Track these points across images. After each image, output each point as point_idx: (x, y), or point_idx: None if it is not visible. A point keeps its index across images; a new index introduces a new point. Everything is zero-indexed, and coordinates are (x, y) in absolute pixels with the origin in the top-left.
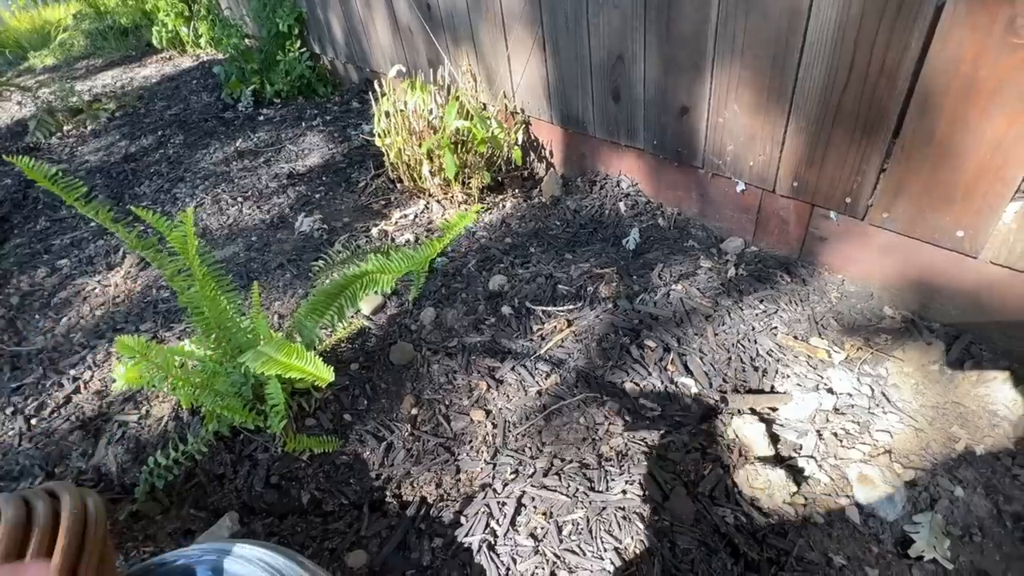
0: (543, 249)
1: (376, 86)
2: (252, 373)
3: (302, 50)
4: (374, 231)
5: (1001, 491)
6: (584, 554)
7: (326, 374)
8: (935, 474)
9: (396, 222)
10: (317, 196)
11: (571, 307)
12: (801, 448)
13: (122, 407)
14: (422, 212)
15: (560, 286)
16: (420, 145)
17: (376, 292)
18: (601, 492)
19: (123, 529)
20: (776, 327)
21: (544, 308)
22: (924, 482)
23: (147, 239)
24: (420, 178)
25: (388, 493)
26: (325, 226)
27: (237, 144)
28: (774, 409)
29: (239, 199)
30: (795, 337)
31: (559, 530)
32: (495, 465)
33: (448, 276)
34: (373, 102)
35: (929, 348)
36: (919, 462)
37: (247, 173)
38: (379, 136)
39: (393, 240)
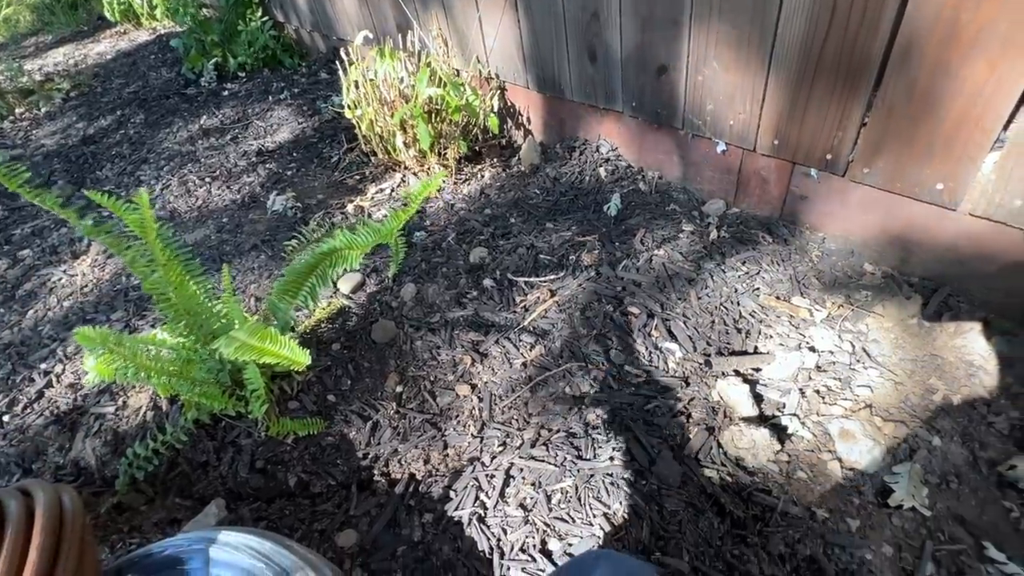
0: (523, 219)
1: (343, 55)
2: (228, 359)
3: (264, 19)
4: (350, 207)
5: (977, 438)
6: (574, 521)
7: (302, 357)
8: (914, 425)
9: (372, 197)
10: (289, 173)
11: (553, 277)
12: (784, 407)
13: (97, 399)
14: (399, 186)
15: (542, 256)
16: (392, 116)
17: (346, 269)
18: (588, 460)
19: (107, 522)
20: (758, 288)
21: (526, 279)
22: (903, 434)
23: (104, 224)
24: (394, 150)
25: (376, 472)
26: (298, 204)
27: (202, 122)
28: (757, 369)
29: (207, 179)
30: (777, 297)
31: (548, 499)
32: (482, 439)
33: (428, 250)
34: (341, 72)
35: (908, 303)
36: (899, 415)
37: (214, 152)
38: (349, 108)
39: (370, 216)
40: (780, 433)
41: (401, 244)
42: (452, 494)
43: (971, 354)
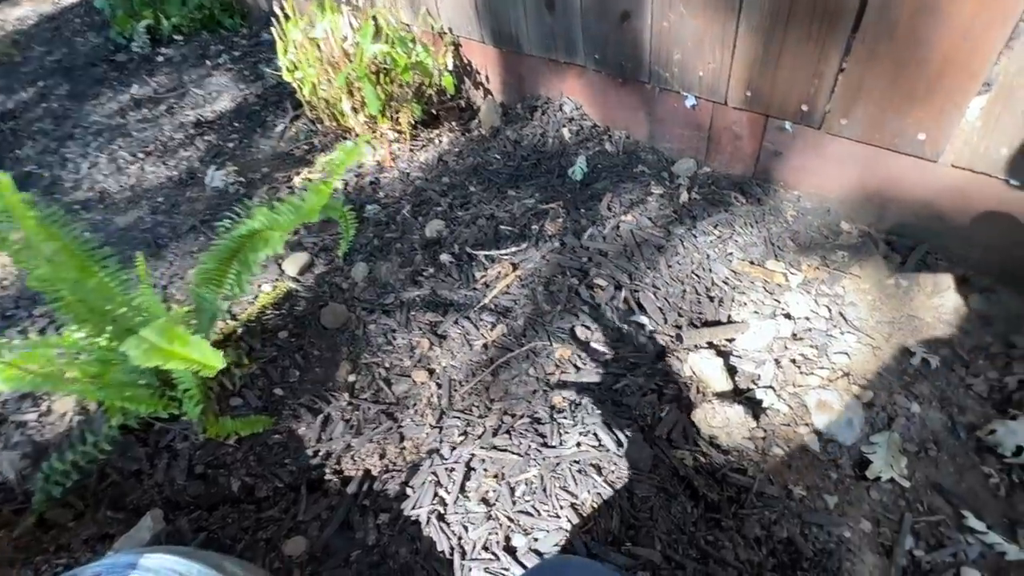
0: (484, 187)
1: (278, 9)
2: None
3: None
4: (297, 180)
5: (955, 402)
6: (539, 514)
7: (213, 361)
8: (892, 392)
9: (321, 168)
10: (230, 145)
11: (515, 249)
12: (759, 379)
13: (17, 406)
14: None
15: (503, 227)
16: (336, 78)
17: (269, 256)
18: (554, 447)
19: (30, 542)
20: (731, 253)
21: (486, 253)
22: (881, 402)
23: None
24: (342, 116)
25: (328, 470)
26: (241, 179)
27: (133, 91)
28: (731, 340)
29: (140, 155)
30: (751, 262)
31: (512, 492)
32: (441, 428)
33: (381, 225)
34: (276, 30)
35: (885, 262)
36: (877, 381)
37: (147, 124)
38: (287, 70)
39: None
40: (755, 408)
41: (351, 219)
42: (409, 491)
43: (949, 313)
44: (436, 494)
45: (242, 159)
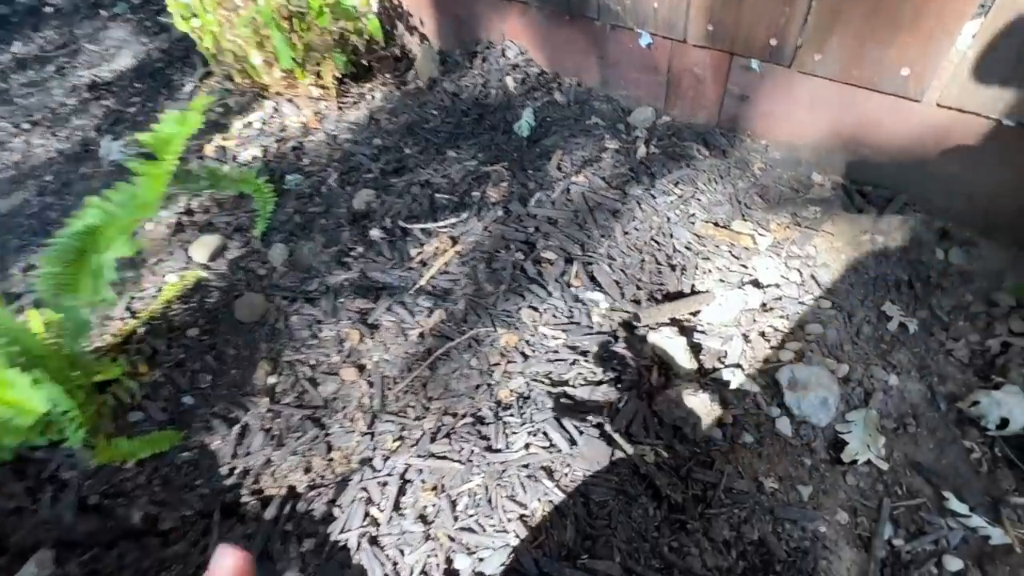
0: (420, 148)
1: None
2: None
3: None
4: (210, 149)
5: (935, 371)
6: (484, 530)
7: (33, 405)
8: (868, 364)
9: (238, 134)
10: (131, 111)
11: (454, 220)
12: (726, 356)
13: None
14: (271, 117)
15: (440, 195)
16: (237, 23)
17: (119, 256)
18: (500, 451)
19: None
20: (694, 214)
21: (422, 226)
22: (858, 376)
23: None
24: (255, 72)
25: (245, 491)
26: (144, 150)
27: (15, 49)
28: (695, 314)
29: (25, 126)
30: (716, 224)
31: (453, 505)
32: (373, 435)
33: (303, 198)
34: None
35: (861, 217)
36: (852, 352)
37: (33, 89)
38: (180, 17)
39: (235, 159)
40: (722, 391)
41: (269, 193)
42: (337, 510)
43: (928, 271)
44: (367, 513)
45: (145, 126)
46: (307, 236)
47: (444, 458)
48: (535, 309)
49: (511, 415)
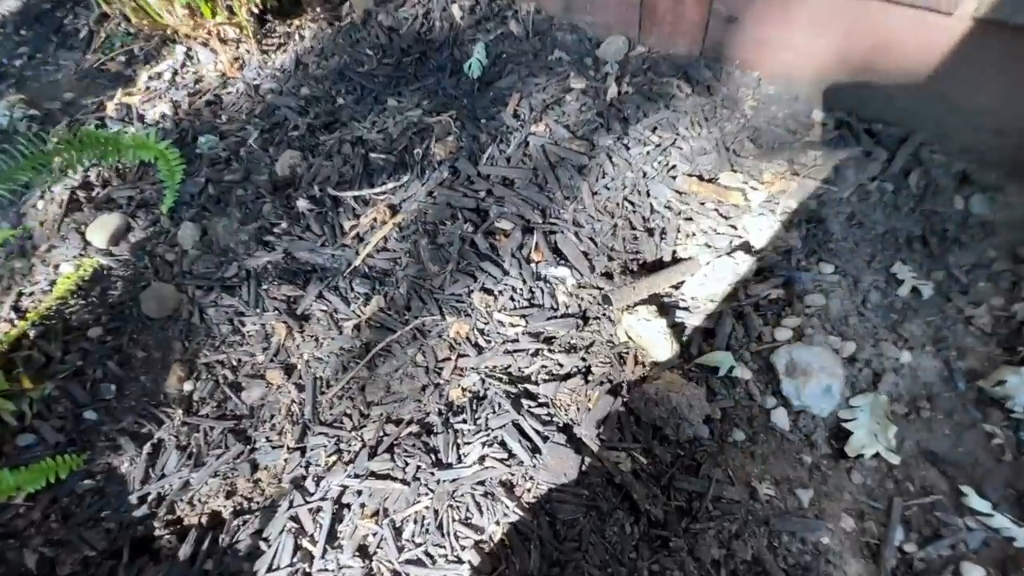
0: (355, 97)
1: None
2: None
3: None
4: (111, 108)
5: (953, 343)
6: (434, 561)
7: None
8: (877, 339)
9: (145, 88)
10: (17, 64)
11: (394, 185)
12: (714, 339)
13: None
14: (183, 66)
15: (376, 154)
16: None
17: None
18: (451, 466)
19: None
20: (674, 167)
21: (356, 193)
22: (865, 355)
23: None
24: (156, 14)
25: (158, 522)
26: (33, 112)
27: None
28: (678, 286)
29: None
30: (700, 178)
31: (397, 534)
32: (304, 451)
33: (219, 164)
34: None
35: (868, 161)
36: (858, 326)
37: None
38: None
39: (142, 118)
40: (709, 379)
41: (175, 160)
42: (264, 544)
43: (945, 223)
44: (299, 546)
45: (34, 83)
46: (222, 211)
47: (386, 477)
48: (489, 292)
49: (463, 421)
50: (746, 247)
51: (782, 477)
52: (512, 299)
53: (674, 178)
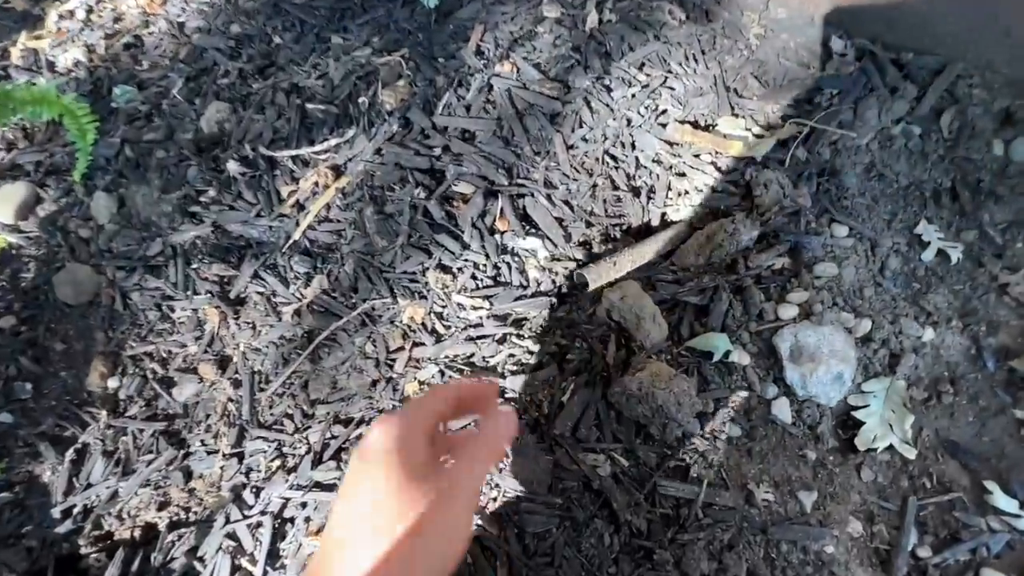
0: (294, 34)
1: None
2: None
3: None
4: (16, 54)
5: (984, 316)
6: None
7: None
8: (896, 314)
9: (56, 29)
10: None
11: (337, 141)
12: (708, 318)
13: None
14: (99, 1)
15: (315, 105)
16: None
17: None
18: None
19: None
20: (665, 112)
21: (294, 152)
22: (883, 333)
23: None
24: None
25: (84, 538)
26: None
27: None
28: (667, 256)
29: None
30: (695, 125)
31: None
32: (242, 456)
33: (137, 120)
34: None
35: (894, 98)
36: (875, 299)
37: None
38: None
39: (52, 67)
40: (702, 365)
41: (87, 118)
42: (199, 564)
43: (980, 172)
44: (238, 567)
45: None
46: (142, 177)
47: (333, 488)
48: (446, 269)
49: None
50: (747, 208)
51: (782, 478)
52: (474, 277)
53: (664, 126)
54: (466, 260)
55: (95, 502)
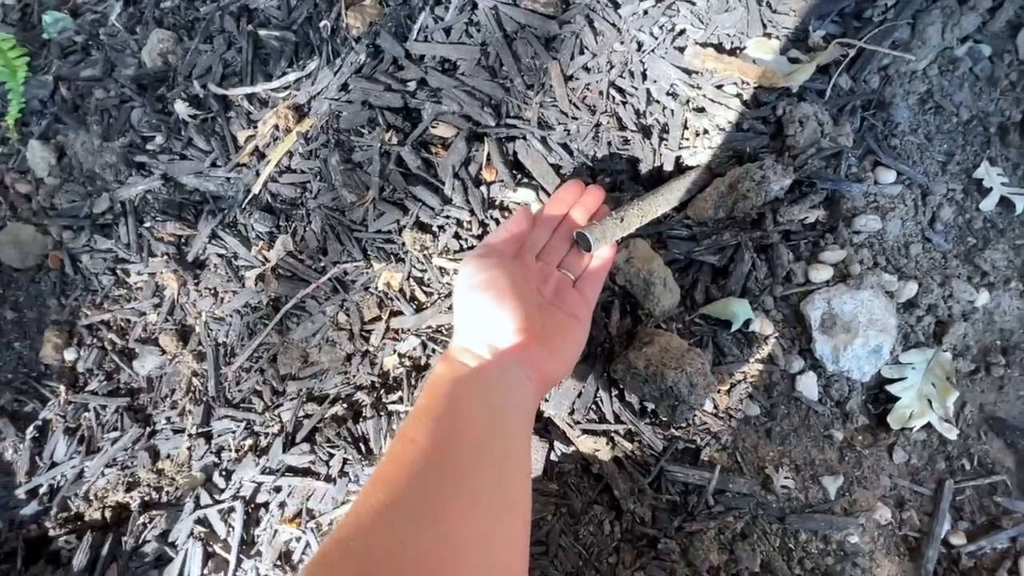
0: None
1: None
2: None
3: None
4: None
5: None
6: None
7: None
8: (947, 275)
9: None
10: None
11: (296, 75)
12: (727, 280)
13: None
14: None
15: (270, 31)
16: None
17: None
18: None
19: None
20: (683, 32)
21: (249, 90)
22: (931, 298)
23: None
24: None
25: (51, 520)
26: None
27: None
28: (681, 208)
29: None
30: (719, 47)
31: (323, 539)
32: (210, 436)
33: (72, 53)
34: None
35: (963, 10)
36: (923, 258)
37: None
38: None
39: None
40: (718, 335)
41: (16, 52)
42: (171, 550)
43: None
44: (211, 554)
45: None
46: (81, 122)
47: (307, 473)
48: (425, 228)
49: (398, 401)
50: (778, 149)
51: (804, 461)
52: (457, 236)
53: (681, 50)
54: (447, 216)
55: (61, 482)
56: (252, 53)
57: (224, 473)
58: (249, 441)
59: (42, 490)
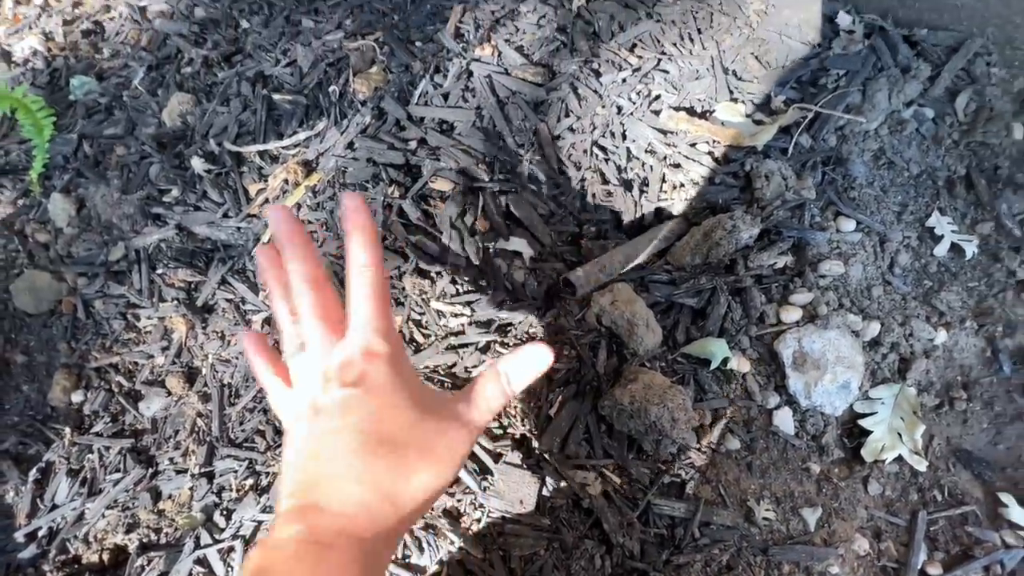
0: (262, 18)
1: None
2: None
3: None
4: None
5: (1000, 316)
6: None
7: None
8: (907, 315)
9: (12, 16)
10: None
11: (306, 134)
12: (705, 321)
13: None
14: None
15: (283, 95)
16: None
17: None
18: None
19: None
20: (658, 97)
21: (261, 147)
22: (893, 337)
23: None
24: None
25: (49, 563)
26: None
27: None
28: (661, 255)
29: None
30: (691, 111)
31: None
32: (212, 475)
33: (96, 113)
34: None
35: (906, 79)
36: (885, 300)
37: None
38: None
39: (8, 56)
40: (698, 373)
41: (43, 112)
42: None
43: (997, 158)
44: None
45: None
46: (101, 176)
47: None
48: (424, 274)
49: None
50: (747, 201)
51: (784, 493)
52: (454, 281)
53: (657, 113)
54: (445, 263)
55: (61, 524)
56: (266, 115)
57: (225, 512)
58: (250, 480)
59: (41, 532)
